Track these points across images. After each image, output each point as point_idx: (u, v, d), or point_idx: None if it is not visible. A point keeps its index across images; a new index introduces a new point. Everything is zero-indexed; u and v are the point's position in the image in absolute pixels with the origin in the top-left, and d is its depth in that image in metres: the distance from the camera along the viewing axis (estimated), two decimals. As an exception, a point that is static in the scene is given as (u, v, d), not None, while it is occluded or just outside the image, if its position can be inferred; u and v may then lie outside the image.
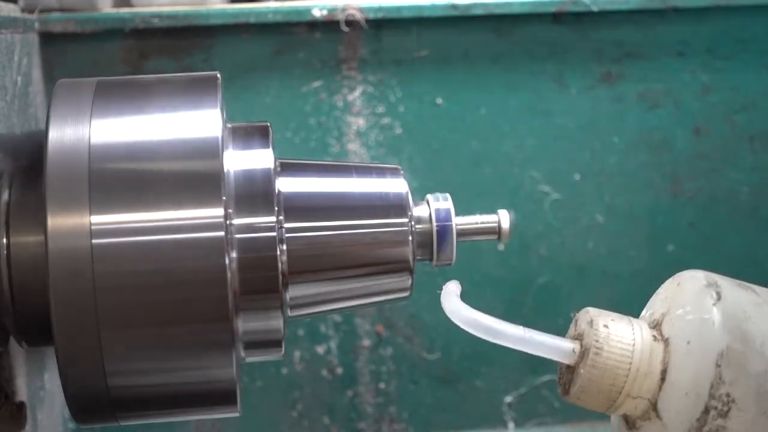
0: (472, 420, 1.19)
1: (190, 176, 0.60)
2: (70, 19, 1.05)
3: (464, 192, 1.11)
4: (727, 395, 0.55)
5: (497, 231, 0.68)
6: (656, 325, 0.60)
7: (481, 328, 0.61)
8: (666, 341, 0.58)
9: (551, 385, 1.18)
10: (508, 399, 1.19)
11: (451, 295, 0.63)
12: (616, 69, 1.13)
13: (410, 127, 1.13)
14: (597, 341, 0.58)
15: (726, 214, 1.17)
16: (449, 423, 1.19)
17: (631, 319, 0.60)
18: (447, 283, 0.65)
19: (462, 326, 0.61)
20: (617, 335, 0.58)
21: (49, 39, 1.05)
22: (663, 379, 0.57)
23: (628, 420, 0.59)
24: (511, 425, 1.19)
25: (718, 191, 1.16)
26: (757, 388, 0.55)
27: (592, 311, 0.60)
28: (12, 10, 0.92)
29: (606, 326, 0.59)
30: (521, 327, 0.61)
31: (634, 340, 0.58)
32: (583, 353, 0.58)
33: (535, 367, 1.17)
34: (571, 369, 0.59)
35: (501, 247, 1.15)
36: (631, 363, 0.58)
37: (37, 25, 1.02)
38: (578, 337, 0.59)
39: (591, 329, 0.59)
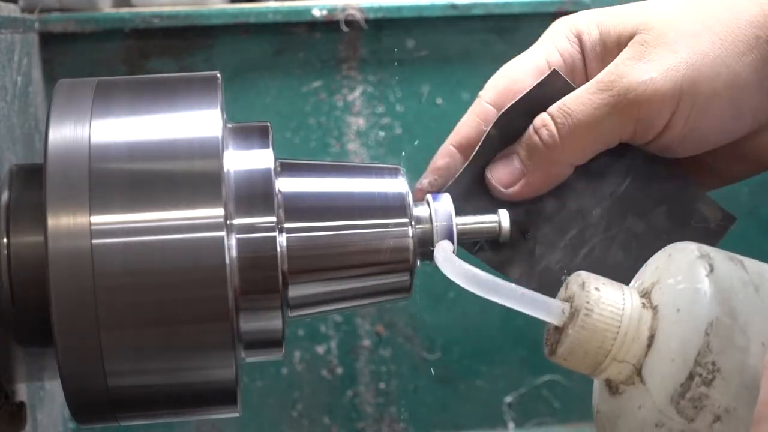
0: (472, 420, 1.19)
1: (190, 176, 0.60)
2: (70, 19, 1.05)
3: (464, 192, 1.10)
4: (713, 363, 0.55)
5: (497, 231, 0.68)
6: (645, 294, 0.60)
7: (477, 282, 0.61)
8: (655, 309, 0.59)
9: (551, 385, 1.18)
10: (508, 399, 1.19)
11: (446, 251, 0.63)
12: (616, 69, 1.13)
13: (410, 127, 1.13)
14: (588, 303, 0.58)
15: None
16: (449, 423, 1.19)
17: (622, 285, 0.60)
18: (440, 242, 0.65)
19: (457, 281, 0.61)
20: (608, 298, 0.59)
21: (49, 39, 1.05)
22: (649, 345, 0.58)
23: (611, 384, 0.60)
24: (511, 425, 1.19)
25: (718, 191, 1.16)
26: (741, 361, 0.55)
27: (583, 274, 0.60)
28: (12, 10, 0.93)
29: (597, 289, 0.59)
30: (515, 285, 0.61)
31: (624, 304, 0.59)
32: (573, 314, 0.59)
33: (535, 367, 1.17)
34: (559, 330, 0.60)
35: (501, 247, 1.14)
36: (619, 326, 0.58)
37: (37, 25, 1.03)
38: (568, 299, 0.60)
39: (582, 291, 0.59)
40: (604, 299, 0.59)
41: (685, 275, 0.58)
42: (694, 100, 0.64)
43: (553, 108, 0.66)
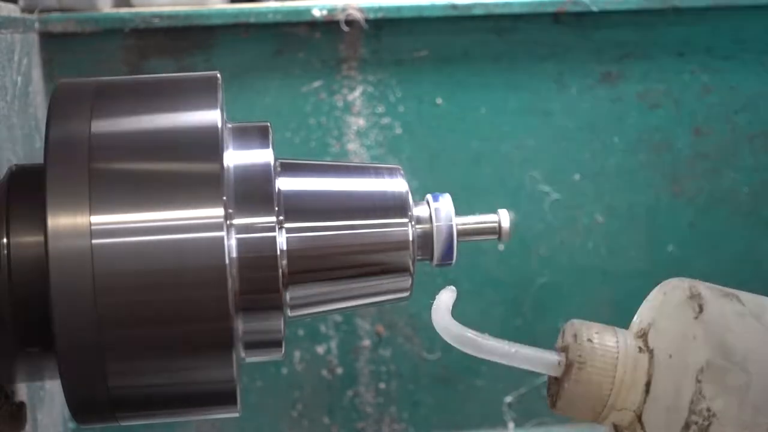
0: (472, 420, 1.19)
1: (191, 176, 0.60)
2: (70, 19, 1.05)
3: (464, 192, 1.11)
4: (708, 410, 0.55)
5: (497, 231, 0.68)
6: (643, 335, 0.60)
7: (468, 345, 0.61)
8: (651, 352, 0.58)
9: (551, 385, 1.18)
10: (508, 399, 1.19)
11: (441, 310, 0.63)
12: (616, 69, 1.13)
13: (410, 127, 1.13)
14: (580, 356, 0.58)
15: (726, 214, 1.17)
16: (449, 423, 1.19)
17: (617, 330, 0.60)
18: (441, 292, 0.65)
19: (450, 342, 0.61)
20: (601, 349, 0.58)
21: (49, 39, 1.05)
22: (647, 391, 0.58)
23: (617, 429, 0.59)
24: (511, 425, 1.19)
25: (718, 191, 1.16)
26: (738, 401, 0.55)
27: (576, 324, 0.60)
28: (12, 10, 0.93)
29: (590, 340, 0.58)
30: (507, 342, 0.61)
31: (618, 353, 0.58)
32: (568, 366, 0.59)
33: (535, 367, 1.17)
34: (558, 381, 0.59)
35: (501, 247, 1.15)
36: (614, 377, 0.58)
37: (37, 25, 1.03)
38: (564, 350, 0.60)
39: (575, 343, 0.59)
40: (598, 349, 0.58)
41: (675, 318, 0.58)
42: None
43: None
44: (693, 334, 0.56)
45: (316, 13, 1.08)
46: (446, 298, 0.64)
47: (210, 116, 0.62)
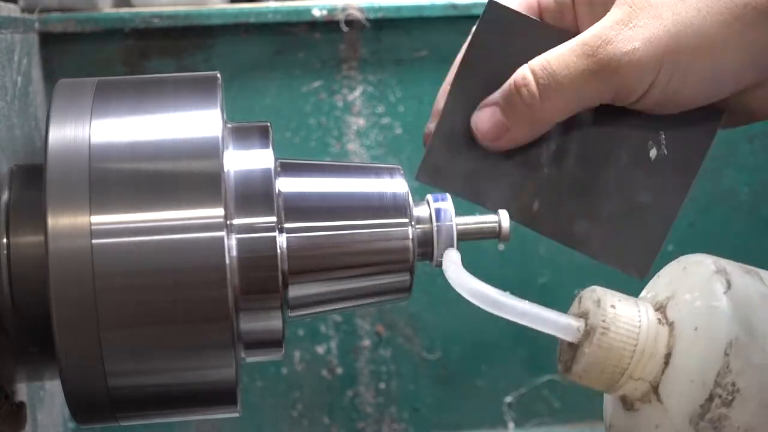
0: (472, 420, 1.19)
1: (190, 176, 0.60)
2: (70, 19, 1.05)
3: (464, 192, 1.10)
4: (733, 384, 0.55)
5: (497, 231, 0.68)
6: (660, 308, 0.59)
7: (487, 300, 0.61)
8: (671, 325, 0.58)
9: (551, 385, 1.18)
10: (508, 399, 1.19)
11: (455, 265, 0.63)
12: (616, 69, 1.13)
13: (410, 127, 1.13)
14: (604, 321, 0.58)
15: (726, 214, 1.17)
16: (449, 423, 1.19)
17: (637, 300, 0.60)
18: (447, 251, 0.65)
19: (467, 297, 0.61)
20: (624, 316, 0.58)
21: (49, 39, 1.05)
22: (666, 363, 0.57)
23: (626, 401, 0.59)
24: (511, 425, 1.19)
25: (718, 191, 1.16)
26: (760, 380, 0.55)
27: (599, 290, 0.59)
28: (12, 10, 0.93)
29: (613, 306, 0.58)
30: (526, 301, 0.60)
31: (640, 321, 0.58)
32: (588, 332, 0.58)
33: (535, 367, 1.17)
34: (573, 347, 0.59)
35: (501, 247, 1.15)
36: (636, 344, 0.57)
37: (37, 25, 1.03)
38: (583, 316, 0.59)
39: (598, 309, 0.58)
40: (621, 317, 0.58)
41: (701, 291, 0.58)
42: (674, 70, 0.65)
43: (536, 64, 0.66)
44: (722, 308, 0.56)
45: (316, 13, 1.08)
46: (454, 255, 0.64)
47: (210, 116, 0.62)
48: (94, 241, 0.58)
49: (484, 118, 0.69)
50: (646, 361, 0.57)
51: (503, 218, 0.68)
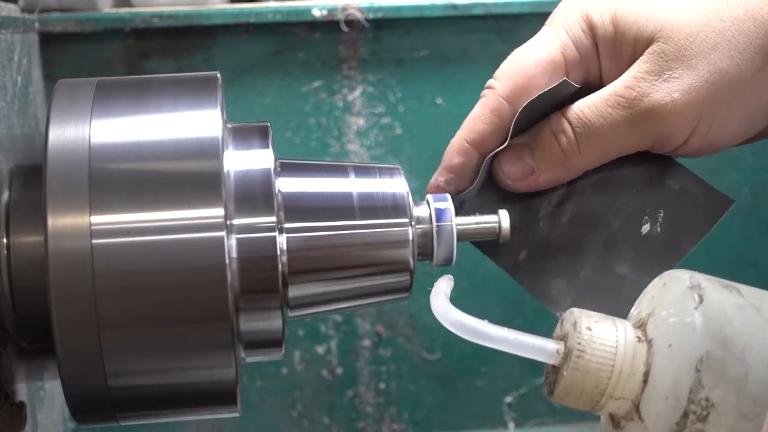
0: (472, 420, 1.19)
1: (190, 176, 0.60)
2: (70, 19, 1.05)
3: (464, 192, 1.10)
4: (707, 400, 0.55)
5: (497, 231, 0.68)
6: (641, 325, 0.60)
7: (467, 331, 0.61)
8: (650, 342, 0.58)
9: (551, 385, 1.18)
10: (508, 399, 1.19)
11: (440, 296, 0.63)
12: (616, 69, 1.13)
13: (410, 127, 1.13)
14: (579, 344, 0.58)
15: (726, 215, 1.17)
16: (449, 423, 1.19)
17: (616, 319, 0.60)
18: (438, 280, 0.65)
19: (448, 327, 0.61)
20: (600, 337, 0.58)
21: (49, 39, 1.05)
22: (645, 381, 0.58)
23: (613, 419, 0.59)
24: (511, 425, 1.19)
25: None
26: (737, 392, 0.55)
27: (576, 312, 0.60)
28: (12, 10, 0.93)
29: (589, 328, 0.58)
30: (506, 329, 0.61)
31: (617, 342, 0.58)
32: (567, 355, 0.59)
33: (535, 367, 1.17)
34: (556, 369, 0.60)
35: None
36: (613, 366, 0.58)
37: (37, 25, 1.03)
38: (563, 338, 0.60)
39: (574, 331, 0.59)
40: (597, 338, 0.58)
41: (675, 308, 0.58)
42: (713, 119, 0.65)
43: (572, 115, 0.67)
44: (693, 324, 0.56)
45: (316, 13, 1.08)
46: (444, 285, 0.64)
47: (210, 116, 0.62)
48: (94, 241, 0.58)
49: (510, 159, 0.69)
50: (625, 380, 0.58)
51: (503, 219, 0.68)
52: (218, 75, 0.65)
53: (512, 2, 1.09)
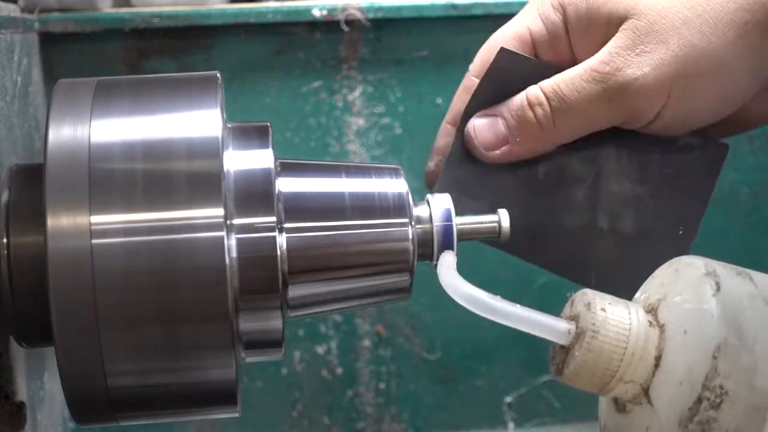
0: (472, 420, 1.19)
1: (190, 176, 0.60)
2: (70, 19, 1.05)
3: (464, 192, 1.10)
4: (721, 387, 0.55)
5: (497, 231, 0.68)
6: (651, 310, 0.60)
7: (478, 304, 0.61)
8: (662, 327, 0.58)
9: (551, 385, 1.18)
10: (508, 399, 1.19)
11: (449, 269, 0.63)
12: (616, 69, 1.13)
13: (410, 127, 1.13)
14: (594, 324, 0.58)
15: (726, 214, 1.17)
16: (449, 423, 1.19)
17: (628, 302, 0.60)
18: (443, 254, 0.65)
19: (458, 300, 0.61)
20: (614, 319, 0.58)
21: (49, 39, 1.05)
22: (657, 365, 0.57)
23: (618, 402, 0.59)
24: (511, 425, 1.19)
25: (718, 191, 1.16)
26: (748, 382, 0.55)
27: (589, 293, 0.60)
28: (12, 10, 0.92)
29: (603, 310, 0.58)
30: (518, 305, 0.61)
31: (630, 324, 0.58)
32: (579, 335, 0.58)
33: (535, 367, 1.17)
34: (565, 349, 0.59)
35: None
36: (626, 348, 0.58)
37: (37, 25, 1.02)
38: (574, 318, 0.59)
39: (588, 312, 0.58)
40: (611, 320, 0.58)
41: (691, 294, 0.58)
42: (684, 93, 0.66)
43: (548, 88, 0.68)
44: (711, 311, 0.56)
45: (316, 13, 1.08)
46: (450, 258, 0.64)
47: (210, 116, 0.62)
48: (94, 241, 0.58)
49: (483, 127, 0.70)
50: (637, 363, 0.58)
51: (503, 218, 0.68)
52: (218, 75, 0.65)
53: (512, 2, 1.09)
